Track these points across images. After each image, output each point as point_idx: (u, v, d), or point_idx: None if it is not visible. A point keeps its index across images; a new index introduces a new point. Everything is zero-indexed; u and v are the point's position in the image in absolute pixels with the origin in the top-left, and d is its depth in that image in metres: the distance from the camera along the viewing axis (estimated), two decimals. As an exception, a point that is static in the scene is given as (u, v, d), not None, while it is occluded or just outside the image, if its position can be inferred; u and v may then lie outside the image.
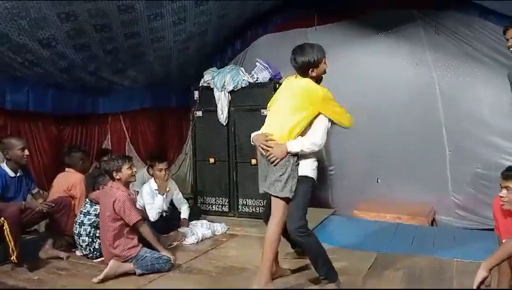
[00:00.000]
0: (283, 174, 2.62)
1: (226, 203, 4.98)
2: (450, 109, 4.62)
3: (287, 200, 2.65)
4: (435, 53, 4.65)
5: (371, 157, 5.11)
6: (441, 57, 4.62)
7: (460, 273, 3.03)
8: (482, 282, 2.07)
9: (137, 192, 4.25)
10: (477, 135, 4.49)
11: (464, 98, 4.54)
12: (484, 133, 4.46)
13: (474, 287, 2.08)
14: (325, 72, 2.80)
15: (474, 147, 4.52)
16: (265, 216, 2.88)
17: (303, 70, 2.73)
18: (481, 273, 2.07)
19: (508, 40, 3.08)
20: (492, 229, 4.15)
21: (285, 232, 2.78)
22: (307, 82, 2.73)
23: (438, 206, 4.76)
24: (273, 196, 2.66)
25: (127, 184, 3.35)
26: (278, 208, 2.67)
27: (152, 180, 4.24)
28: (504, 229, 2.38)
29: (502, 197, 2.31)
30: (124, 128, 5.14)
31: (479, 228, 4.38)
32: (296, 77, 2.81)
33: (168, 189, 4.29)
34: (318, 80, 2.79)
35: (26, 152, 3.42)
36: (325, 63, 2.76)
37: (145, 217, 3.53)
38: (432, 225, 4.61)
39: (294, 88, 2.76)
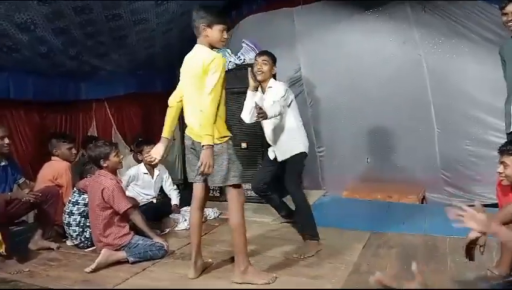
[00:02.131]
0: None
1: (217, 188, 4.92)
2: (438, 87, 4.61)
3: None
4: (422, 31, 4.61)
5: (360, 137, 5.11)
6: (428, 35, 4.59)
7: (453, 249, 3.06)
8: (472, 243, 1.98)
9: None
10: (465, 112, 4.50)
11: (452, 75, 4.52)
12: (472, 110, 4.47)
13: (463, 250, 2.03)
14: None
15: (462, 124, 4.54)
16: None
17: None
18: (471, 234, 1.95)
19: (506, 14, 2.99)
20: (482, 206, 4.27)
21: (270, 200, 3.67)
22: None
23: (428, 184, 4.80)
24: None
25: (114, 171, 3.28)
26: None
27: (141, 164, 4.19)
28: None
29: (499, 172, 2.31)
30: (110, 114, 5.04)
31: (469, 204, 4.41)
32: None
33: (157, 173, 4.25)
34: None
35: (7, 140, 3.31)
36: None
37: (135, 205, 3.48)
38: (422, 202, 4.65)
39: None
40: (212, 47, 2.68)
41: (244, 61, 4.70)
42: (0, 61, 3.66)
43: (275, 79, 3.59)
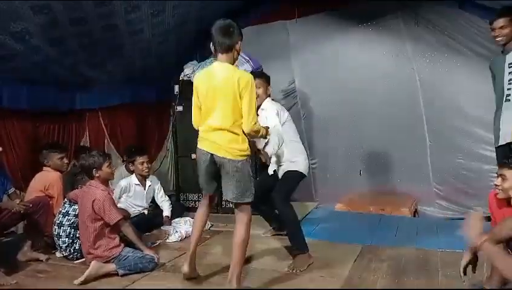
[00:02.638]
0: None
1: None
2: (431, 100, 4.66)
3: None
4: (414, 45, 4.66)
5: (353, 150, 5.13)
6: (421, 49, 4.65)
7: (444, 263, 3.06)
8: (468, 264, 2.08)
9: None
10: (458, 125, 4.54)
11: (444, 89, 4.57)
12: (464, 123, 4.51)
13: (461, 271, 2.10)
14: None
15: (454, 137, 4.57)
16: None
17: None
18: (466, 256, 2.07)
19: (494, 30, 3.07)
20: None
21: (264, 213, 3.70)
22: None
23: (420, 197, 4.81)
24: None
25: (106, 182, 3.26)
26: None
27: (133, 175, 4.16)
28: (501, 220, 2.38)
29: (496, 185, 2.32)
30: (103, 124, 5.01)
31: (461, 217, 4.44)
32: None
33: (149, 184, 4.23)
34: None
35: None
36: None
37: (126, 217, 3.45)
38: (414, 215, 4.65)
39: None
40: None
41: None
42: (-6, 70, 3.66)
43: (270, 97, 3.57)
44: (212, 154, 2.63)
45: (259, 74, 3.49)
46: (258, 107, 3.30)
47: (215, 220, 4.39)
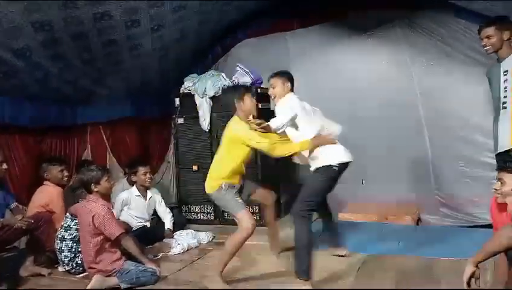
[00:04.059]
0: None
1: (211, 211, 4.90)
2: (431, 108, 4.66)
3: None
4: (413, 53, 4.68)
5: (354, 159, 5.10)
6: (419, 57, 4.66)
7: (448, 271, 3.04)
8: (471, 277, 2.05)
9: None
10: (458, 132, 4.52)
11: (444, 96, 4.57)
12: (465, 130, 4.49)
13: (464, 285, 2.07)
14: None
15: (455, 144, 4.55)
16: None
17: None
18: (468, 269, 2.05)
19: (482, 39, 3.12)
20: (477, 226, 4.25)
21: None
22: None
23: (423, 205, 4.78)
24: None
25: (105, 196, 3.26)
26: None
27: (133, 187, 4.18)
28: (502, 225, 2.37)
29: (496, 189, 2.31)
30: (105, 138, 5.03)
31: (464, 225, 4.42)
32: None
33: (150, 196, 4.24)
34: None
35: (5, 165, 3.31)
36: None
37: (127, 230, 3.45)
38: (418, 224, 4.63)
39: None
40: None
41: (238, 84, 4.77)
42: (-4, 86, 3.69)
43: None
44: None
45: (274, 74, 3.41)
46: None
47: (217, 232, 4.38)
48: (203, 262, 3.62)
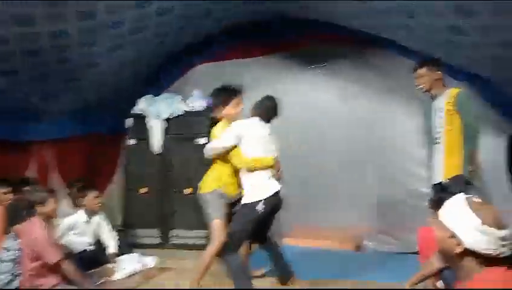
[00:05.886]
0: None
1: (158, 235, 4.83)
2: (375, 141, 4.94)
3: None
4: (361, 87, 4.99)
5: (300, 185, 5.26)
6: (367, 91, 4.97)
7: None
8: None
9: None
10: (399, 164, 4.83)
11: (387, 129, 4.89)
12: (405, 162, 4.81)
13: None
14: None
15: (396, 175, 4.84)
16: None
17: None
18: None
19: (415, 78, 3.41)
20: (414, 253, 4.49)
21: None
22: None
23: (364, 231, 4.99)
24: None
25: (48, 219, 3.15)
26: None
27: (80, 211, 4.04)
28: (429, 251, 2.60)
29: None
30: (50, 156, 4.86)
31: (402, 251, 4.64)
32: None
33: (97, 221, 4.12)
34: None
35: None
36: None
37: (68, 255, 3.33)
38: (359, 249, 4.82)
39: None
40: None
41: (193, 108, 4.82)
42: None
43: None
44: None
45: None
46: None
47: (163, 256, 4.31)
48: (147, 287, 3.56)
